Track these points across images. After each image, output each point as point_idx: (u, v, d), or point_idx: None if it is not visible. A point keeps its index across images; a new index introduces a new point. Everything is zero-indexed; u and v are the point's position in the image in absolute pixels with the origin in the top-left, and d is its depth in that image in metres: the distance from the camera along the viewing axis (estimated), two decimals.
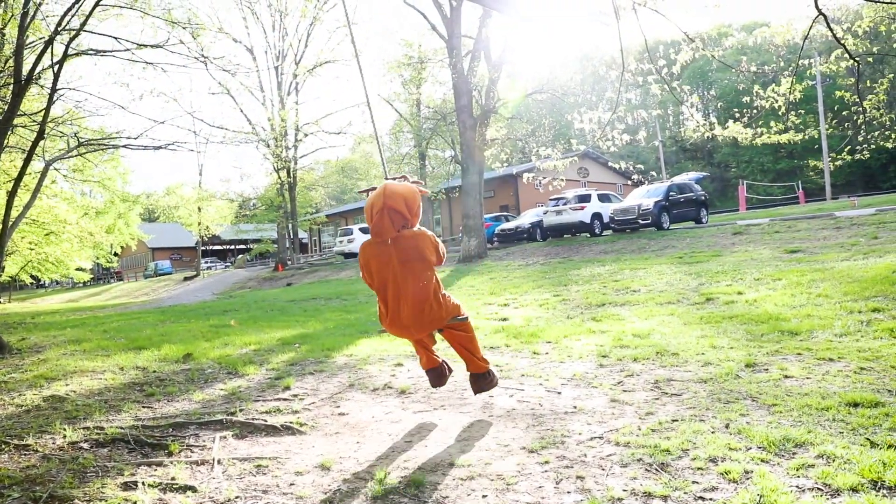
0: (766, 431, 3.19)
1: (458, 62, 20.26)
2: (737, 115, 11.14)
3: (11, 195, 9.01)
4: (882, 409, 3.38)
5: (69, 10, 8.46)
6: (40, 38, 10.16)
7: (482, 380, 4.12)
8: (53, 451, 3.74)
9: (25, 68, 8.55)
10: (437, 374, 4.26)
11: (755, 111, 10.23)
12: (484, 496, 2.80)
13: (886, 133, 13.01)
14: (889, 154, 45.98)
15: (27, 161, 9.02)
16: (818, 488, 2.56)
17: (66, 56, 8.77)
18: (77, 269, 33.29)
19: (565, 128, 36.33)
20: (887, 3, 9.18)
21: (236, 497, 2.97)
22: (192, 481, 3.19)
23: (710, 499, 2.57)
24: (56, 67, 8.75)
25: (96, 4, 8.69)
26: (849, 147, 13.77)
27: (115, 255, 42.10)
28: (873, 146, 12.87)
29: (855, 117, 11.45)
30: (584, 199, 22.45)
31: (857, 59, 8.87)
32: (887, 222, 12.50)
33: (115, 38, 9.24)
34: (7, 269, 29.40)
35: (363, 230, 30.20)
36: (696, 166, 63.98)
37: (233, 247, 68.58)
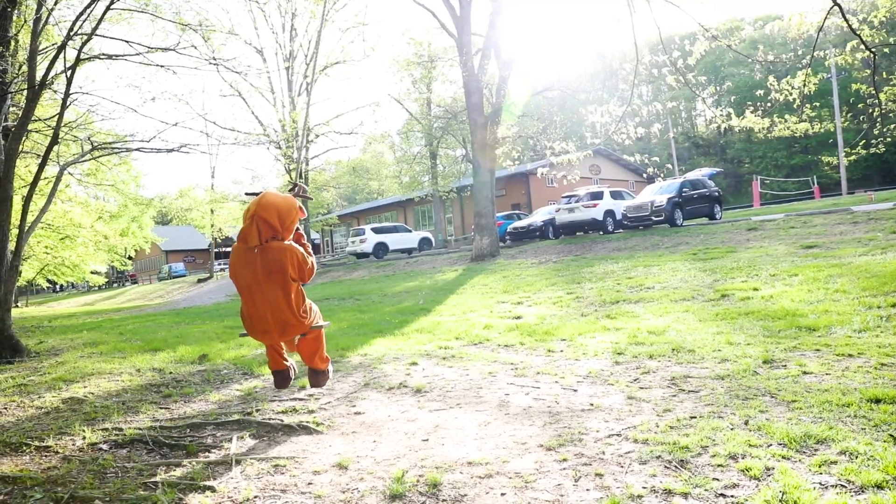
0: (787, 428, 3.16)
1: (468, 60, 20.22)
2: (750, 108, 11.05)
3: (27, 200, 9.09)
4: None
5: (81, 14, 8.52)
6: (53, 45, 10.25)
7: (322, 375, 4.39)
8: (73, 453, 3.77)
9: (39, 74, 8.61)
10: (284, 377, 4.31)
11: (769, 104, 10.14)
12: (503, 494, 2.78)
13: None
14: None
15: (42, 166, 9.09)
16: (841, 485, 2.53)
17: (78, 60, 8.83)
18: (92, 273, 33.52)
19: (576, 125, 36.17)
20: None
21: (255, 496, 2.98)
22: (211, 481, 3.20)
23: (732, 496, 2.54)
24: (69, 72, 8.81)
25: (107, 9, 8.73)
26: (864, 141, 13.61)
27: (130, 258, 42.36)
28: (889, 139, 12.71)
29: (870, 110, 11.32)
30: (597, 196, 22.35)
31: (873, 50, 8.78)
32: None
33: (127, 42, 9.30)
34: (24, 274, 29.72)
35: (375, 230, 30.24)
36: (708, 162, 63.49)
37: None
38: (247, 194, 4.10)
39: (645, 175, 16.46)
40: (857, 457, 2.75)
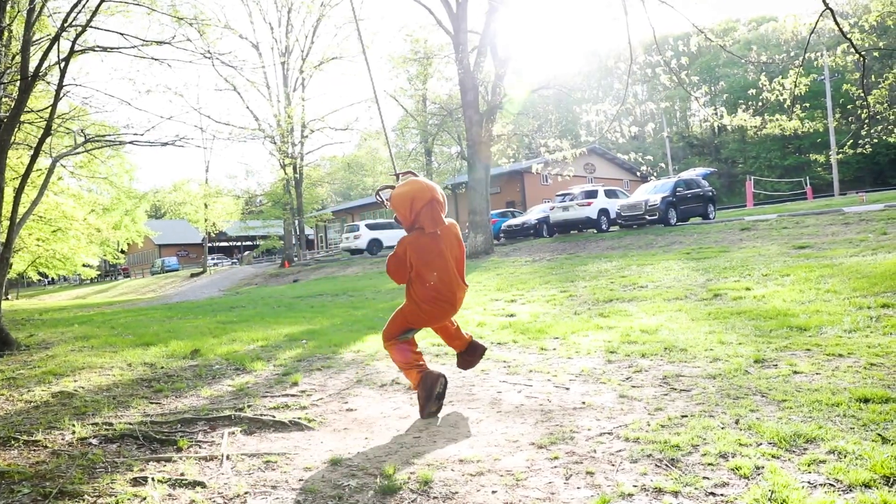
0: (777, 427, 3.17)
1: (464, 58, 20.20)
2: (743, 107, 11.11)
3: (19, 192, 9.03)
4: (893, 404, 3.35)
5: (75, 6, 8.46)
6: (46, 35, 10.18)
7: (480, 348, 4.43)
8: (62, 447, 3.75)
9: (32, 65, 8.54)
10: (439, 378, 4.01)
11: (761, 103, 10.21)
12: (493, 491, 2.79)
13: (890, 128, 12.95)
14: None
15: (34, 158, 9.03)
16: (830, 484, 2.54)
17: (72, 52, 8.77)
18: (84, 266, 33.36)
19: (572, 123, 36.21)
20: None
21: (245, 492, 2.97)
22: (202, 477, 3.19)
23: (721, 494, 2.55)
24: (62, 64, 8.75)
25: (102, 0, 8.68)
26: (851, 141, 13.72)
27: (122, 251, 42.16)
28: (876, 140, 12.82)
29: (859, 112, 11.41)
30: (591, 194, 22.40)
31: (862, 53, 8.83)
32: None
33: (122, 34, 9.25)
34: (15, 266, 29.51)
35: (369, 226, 30.19)
36: (703, 162, 63.69)
37: (239, 243, 68.69)
38: (378, 193, 4.32)
39: (639, 174, 16.50)
40: (845, 456, 2.76)
